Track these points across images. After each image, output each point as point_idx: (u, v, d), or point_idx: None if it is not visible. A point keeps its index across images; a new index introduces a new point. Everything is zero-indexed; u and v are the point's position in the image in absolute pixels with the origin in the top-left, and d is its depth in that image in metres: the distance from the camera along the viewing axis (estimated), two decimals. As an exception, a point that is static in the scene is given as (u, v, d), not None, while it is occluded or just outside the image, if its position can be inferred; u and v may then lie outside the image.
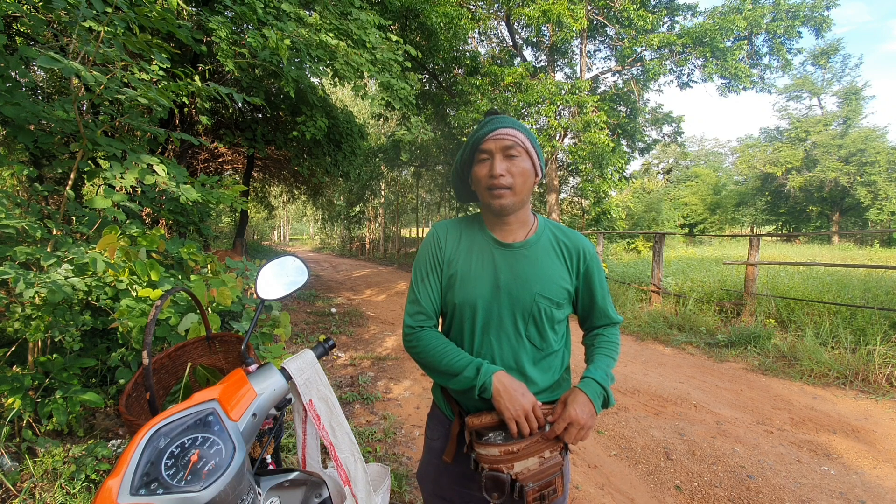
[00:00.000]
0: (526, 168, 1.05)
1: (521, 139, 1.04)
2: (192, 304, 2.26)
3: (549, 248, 1.10)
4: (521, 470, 0.99)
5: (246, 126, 7.87)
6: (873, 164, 22.38)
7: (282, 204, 22.69)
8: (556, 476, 1.02)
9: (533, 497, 0.98)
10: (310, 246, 40.17)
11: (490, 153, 1.04)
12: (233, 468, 0.70)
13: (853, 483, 2.50)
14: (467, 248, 1.12)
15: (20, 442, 2.18)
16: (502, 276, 1.07)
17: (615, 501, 2.34)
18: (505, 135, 1.03)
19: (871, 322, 4.81)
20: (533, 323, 1.07)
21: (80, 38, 2.25)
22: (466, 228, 1.16)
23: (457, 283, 1.09)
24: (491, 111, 1.11)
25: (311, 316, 7.09)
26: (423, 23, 8.72)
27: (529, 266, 1.07)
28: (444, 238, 1.15)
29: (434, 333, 1.11)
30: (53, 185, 2.77)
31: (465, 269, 1.10)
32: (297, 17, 4.14)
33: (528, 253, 1.09)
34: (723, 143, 54.52)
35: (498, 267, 1.08)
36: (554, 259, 1.09)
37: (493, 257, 1.09)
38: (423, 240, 1.18)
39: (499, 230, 1.12)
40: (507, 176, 1.03)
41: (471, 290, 1.08)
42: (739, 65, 11.21)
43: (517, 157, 1.04)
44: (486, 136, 1.04)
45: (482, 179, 1.05)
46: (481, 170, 1.06)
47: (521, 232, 1.12)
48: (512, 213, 1.08)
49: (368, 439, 2.90)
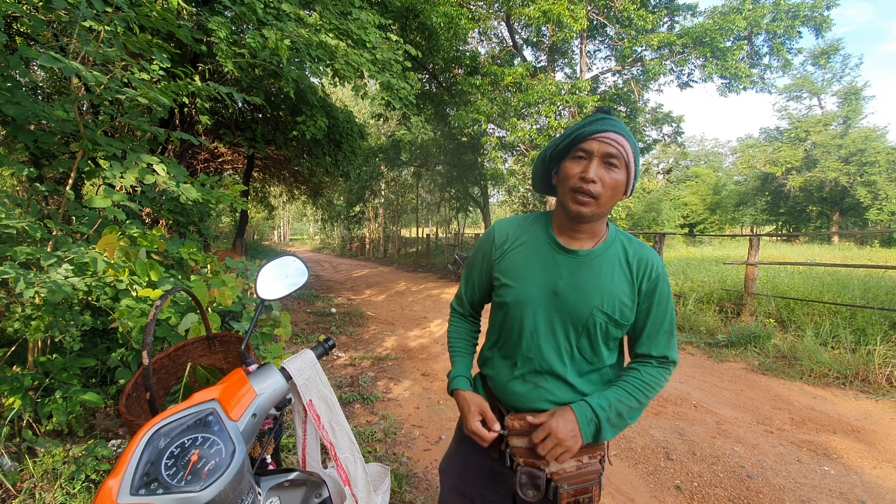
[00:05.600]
0: (620, 181, 0.96)
1: (626, 150, 0.95)
2: (192, 304, 2.26)
3: (616, 260, 1.02)
4: (556, 470, 0.96)
5: (246, 126, 7.87)
6: (873, 164, 22.39)
7: (282, 204, 22.68)
8: (594, 484, 0.99)
9: (567, 500, 0.95)
10: (310, 246, 40.19)
11: (590, 154, 0.95)
12: (233, 468, 0.70)
13: (853, 483, 2.50)
14: (527, 247, 1.06)
15: (20, 442, 2.18)
16: (561, 284, 1.00)
17: (615, 501, 2.34)
18: (612, 140, 0.94)
19: (871, 322, 4.81)
20: (587, 336, 1.01)
21: (80, 38, 2.25)
22: (530, 227, 1.09)
23: (512, 282, 1.05)
24: (602, 108, 1.00)
25: (311, 316, 7.09)
26: (423, 23, 8.72)
27: (592, 277, 1.00)
28: (500, 237, 1.10)
29: (459, 325, 1.23)
30: (53, 185, 2.76)
31: (520, 271, 1.04)
32: (297, 17, 4.14)
33: (592, 263, 1.01)
34: (723, 143, 54.69)
35: (558, 273, 1.01)
36: (619, 273, 1.01)
37: (556, 262, 1.02)
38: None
39: (566, 236, 1.04)
40: (599, 184, 0.94)
41: (525, 292, 1.03)
42: (739, 65, 11.22)
43: (616, 168, 0.95)
44: (591, 134, 0.94)
45: (571, 178, 0.96)
46: (574, 168, 0.96)
47: (590, 242, 1.04)
48: (587, 223, 1.01)
49: (368, 439, 2.90)
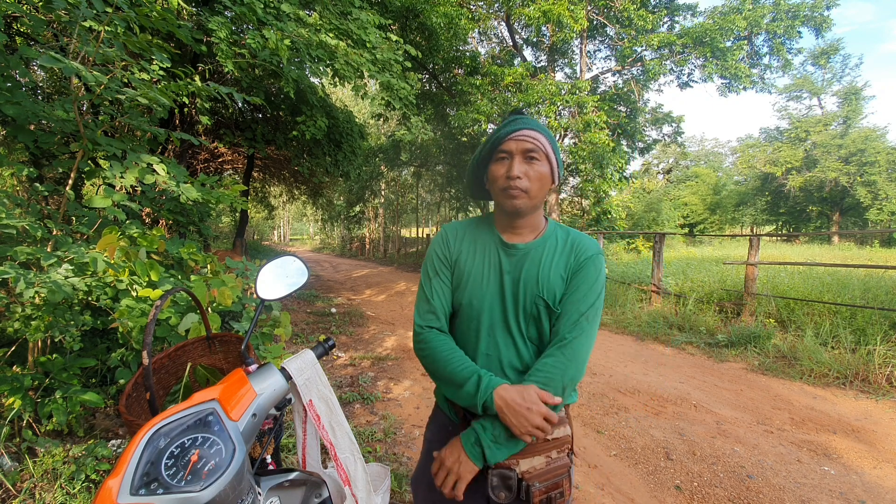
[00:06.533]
0: (544, 173, 1.03)
1: (542, 143, 1.02)
2: (192, 304, 2.26)
3: (554, 249, 1.08)
4: (527, 468, 0.98)
5: (246, 126, 7.87)
6: (873, 164, 22.39)
7: (282, 204, 22.70)
8: (564, 478, 1.01)
9: (539, 498, 0.96)
10: (310, 246, 40.16)
11: (510, 154, 1.02)
12: (233, 468, 0.70)
13: (853, 483, 2.50)
14: (475, 248, 1.12)
15: (20, 442, 2.18)
16: (507, 278, 1.07)
17: (615, 501, 2.34)
18: (527, 137, 1.01)
19: (871, 322, 4.80)
20: (535, 324, 1.06)
21: (81, 38, 2.25)
22: (476, 229, 1.15)
23: (464, 282, 1.09)
24: (516, 110, 1.07)
25: (311, 316, 7.09)
26: (423, 23, 8.72)
27: (533, 267, 1.06)
28: (452, 237, 1.14)
29: (442, 338, 1.08)
30: (53, 185, 2.76)
31: (471, 270, 1.09)
32: (297, 17, 4.14)
33: (533, 254, 1.07)
34: (723, 143, 54.65)
35: (504, 269, 1.07)
36: (557, 261, 1.07)
37: (500, 259, 1.08)
38: (430, 239, 1.17)
39: (508, 232, 1.11)
40: (524, 179, 1.01)
41: (478, 292, 1.07)
42: (739, 65, 11.22)
43: (537, 161, 1.02)
44: (507, 135, 1.02)
45: (498, 179, 1.04)
46: (498, 169, 1.04)
47: (530, 235, 1.11)
48: (524, 217, 1.08)
49: (368, 439, 2.90)
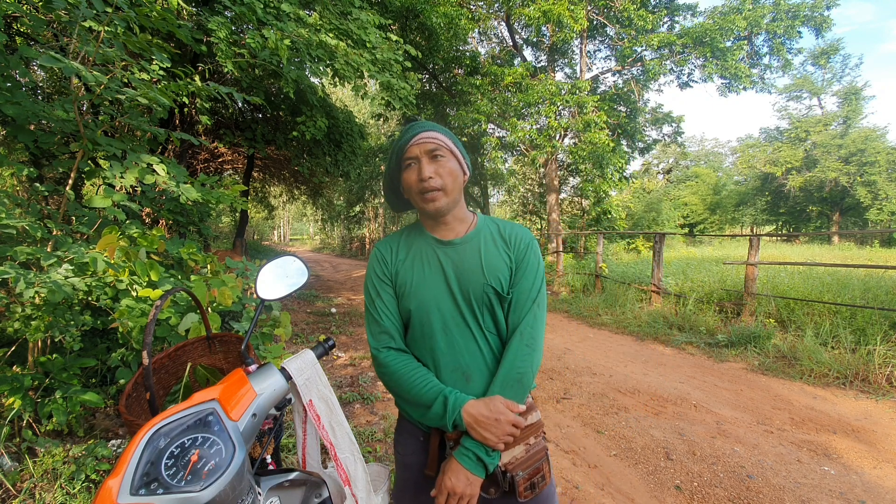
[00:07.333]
0: (453, 168, 1.07)
1: (443, 140, 1.06)
2: (192, 304, 2.26)
3: (490, 239, 1.11)
4: (509, 459, 1.00)
5: (246, 126, 7.87)
6: (873, 164, 22.39)
7: (282, 204, 22.68)
8: (543, 462, 1.03)
9: (524, 486, 0.98)
10: (310, 246, 40.17)
11: (416, 158, 1.05)
12: (233, 468, 0.70)
13: (853, 483, 2.50)
14: (412, 255, 1.12)
15: (20, 442, 2.18)
16: (450, 273, 1.08)
17: (615, 501, 2.34)
18: (427, 138, 1.05)
19: (871, 322, 4.80)
20: (489, 311, 1.07)
21: (80, 38, 2.25)
22: (407, 237, 1.16)
23: (408, 289, 1.09)
24: (409, 117, 1.09)
25: (311, 316, 7.09)
26: (423, 23, 8.71)
27: (474, 257, 1.08)
28: (387, 252, 1.15)
29: (401, 358, 1.08)
30: (53, 185, 2.76)
31: (413, 275, 1.10)
32: (297, 17, 4.14)
33: (470, 246, 1.10)
34: (723, 143, 54.66)
35: (444, 265, 1.09)
36: (494, 249, 1.10)
37: (438, 257, 1.10)
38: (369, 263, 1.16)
39: (439, 230, 1.13)
40: (437, 178, 1.04)
41: (424, 293, 1.08)
42: (739, 65, 11.21)
43: (443, 158, 1.05)
44: (408, 142, 1.06)
45: (413, 185, 1.06)
46: (410, 176, 1.06)
47: (462, 228, 1.13)
48: (448, 213, 1.10)
49: (368, 439, 2.90)
